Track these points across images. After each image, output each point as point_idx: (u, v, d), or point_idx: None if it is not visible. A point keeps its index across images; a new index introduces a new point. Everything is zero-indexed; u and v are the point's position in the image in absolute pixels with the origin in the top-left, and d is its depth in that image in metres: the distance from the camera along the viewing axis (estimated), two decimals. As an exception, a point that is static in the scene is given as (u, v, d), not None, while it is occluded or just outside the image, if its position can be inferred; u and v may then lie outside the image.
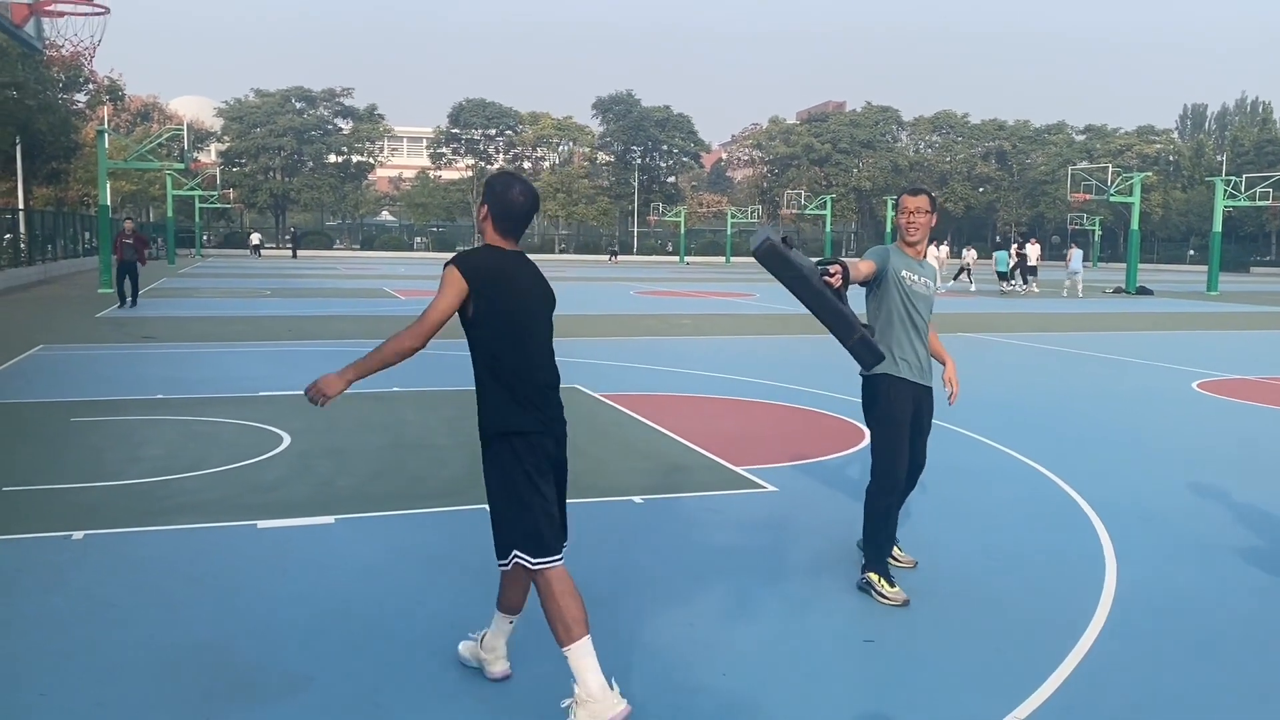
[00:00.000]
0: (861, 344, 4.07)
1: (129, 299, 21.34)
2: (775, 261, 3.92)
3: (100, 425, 8.46)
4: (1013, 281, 33.08)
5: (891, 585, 4.61)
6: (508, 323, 3.47)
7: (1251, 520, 6.11)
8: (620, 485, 6.67)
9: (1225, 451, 8.12)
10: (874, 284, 4.71)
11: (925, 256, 4.89)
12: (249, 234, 70.15)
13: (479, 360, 3.51)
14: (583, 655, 3.33)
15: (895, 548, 5.03)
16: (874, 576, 4.65)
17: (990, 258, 38.25)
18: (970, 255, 37.88)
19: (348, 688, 3.67)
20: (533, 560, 3.39)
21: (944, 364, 5.01)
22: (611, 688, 3.32)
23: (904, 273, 4.69)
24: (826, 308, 3.98)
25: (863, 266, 4.58)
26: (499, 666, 3.77)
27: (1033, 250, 34.56)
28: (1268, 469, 7.54)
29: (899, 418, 4.67)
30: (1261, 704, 3.69)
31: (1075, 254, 33.80)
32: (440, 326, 3.48)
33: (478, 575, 4.90)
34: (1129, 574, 5.06)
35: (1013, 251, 34.06)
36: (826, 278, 3.99)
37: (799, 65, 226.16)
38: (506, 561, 3.46)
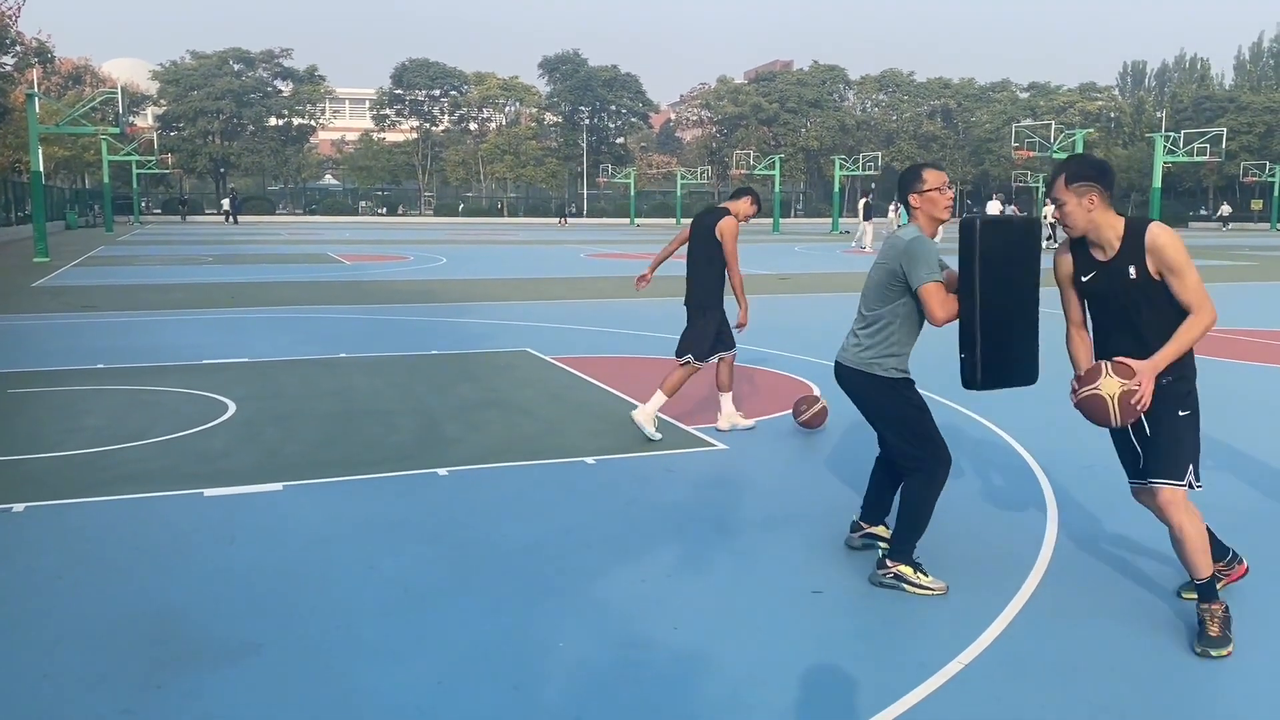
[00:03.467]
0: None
1: None
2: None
3: (39, 396, 8.28)
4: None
5: (927, 574, 4.29)
6: None
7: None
8: (572, 446, 6.68)
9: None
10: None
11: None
12: (182, 199, 68.82)
13: None
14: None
15: (884, 526, 4.78)
16: (908, 570, 4.29)
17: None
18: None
19: (298, 653, 3.66)
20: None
21: None
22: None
23: None
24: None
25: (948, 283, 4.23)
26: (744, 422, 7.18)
27: (993, 207, 35.34)
28: (1203, 418, 7.73)
29: (924, 405, 4.46)
30: (1191, 642, 3.81)
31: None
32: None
33: (430, 539, 4.90)
34: (1069, 523, 5.19)
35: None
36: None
37: (746, 24, 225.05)
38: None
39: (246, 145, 79.17)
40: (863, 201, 35.72)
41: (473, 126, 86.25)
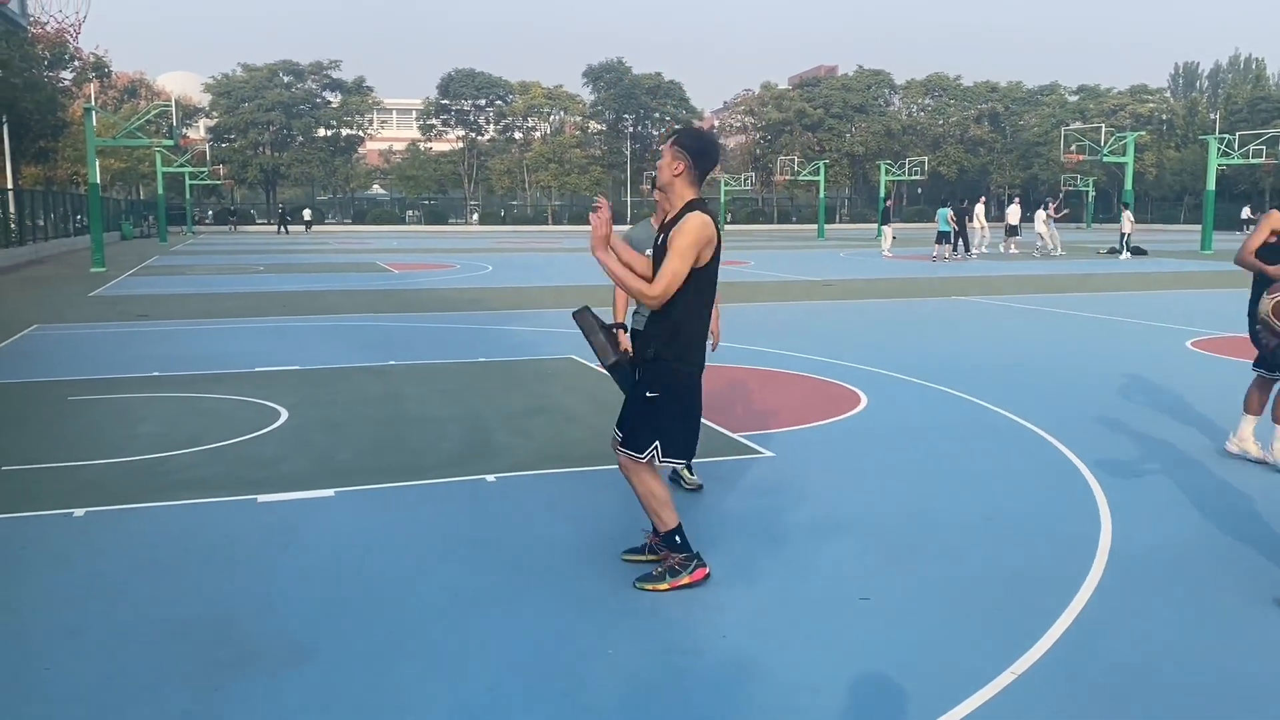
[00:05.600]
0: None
1: None
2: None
3: (98, 403, 8.48)
4: (943, 247, 29.87)
5: (690, 473, 5.75)
6: None
7: (1242, 475, 6.17)
8: (618, 453, 6.69)
9: (1218, 408, 8.17)
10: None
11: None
12: (231, 209, 69.69)
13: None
14: None
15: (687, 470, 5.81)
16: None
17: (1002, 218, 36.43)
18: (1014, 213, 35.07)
19: (353, 657, 3.71)
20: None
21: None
22: None
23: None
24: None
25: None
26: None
27: (1013, 214, 35.01)
28: (1259, 425, 7.57)
29: None
30: (1250, 649, 3.74)
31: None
32: None
33: (480, 545, 4.94)
34: (1123, 529, 5.11)
35: (950, 215, 30.19)
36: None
37: (790, 30, 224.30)
38: None
39: (296, 156, 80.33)
40: (885, 205, 35.62)
41: (518, 135, 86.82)
